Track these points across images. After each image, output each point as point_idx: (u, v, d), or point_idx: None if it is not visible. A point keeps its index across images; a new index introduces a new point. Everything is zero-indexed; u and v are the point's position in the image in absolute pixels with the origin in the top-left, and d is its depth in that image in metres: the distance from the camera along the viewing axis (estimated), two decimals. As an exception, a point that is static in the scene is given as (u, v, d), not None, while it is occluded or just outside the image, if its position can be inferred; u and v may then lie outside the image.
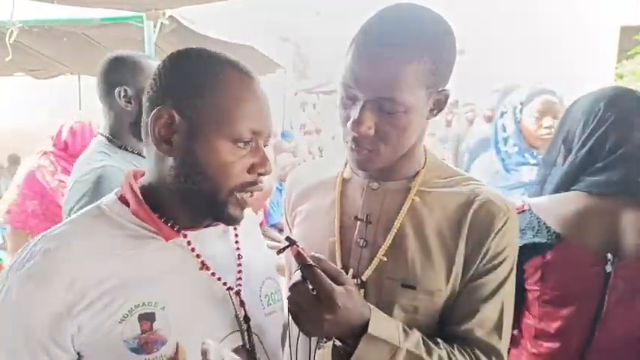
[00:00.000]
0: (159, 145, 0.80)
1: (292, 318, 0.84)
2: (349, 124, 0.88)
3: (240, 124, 0.79)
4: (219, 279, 0.85)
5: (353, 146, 0.91)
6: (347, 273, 0.92)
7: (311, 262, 0.81)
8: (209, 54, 0.83)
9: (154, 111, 0.80)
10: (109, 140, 1.55)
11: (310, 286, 0.81)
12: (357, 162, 0.93)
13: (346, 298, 0.81)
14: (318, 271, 0.80)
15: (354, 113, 0.87)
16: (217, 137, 0.78)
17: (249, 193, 0.83)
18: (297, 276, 0.83)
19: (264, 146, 0.85)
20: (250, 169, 0.82)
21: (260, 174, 0.82)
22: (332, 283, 0.80)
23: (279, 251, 0.87)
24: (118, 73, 1.52)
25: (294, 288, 0.82)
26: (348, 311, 0.81)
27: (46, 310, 0.72)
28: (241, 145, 0.80)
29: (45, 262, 0.74)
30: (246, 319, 0.86)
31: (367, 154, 0.91)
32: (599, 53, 8.36)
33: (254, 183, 0.82)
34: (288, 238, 0.84)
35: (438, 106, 0.93)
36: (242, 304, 0.87)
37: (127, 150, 1.53)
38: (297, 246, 0.82)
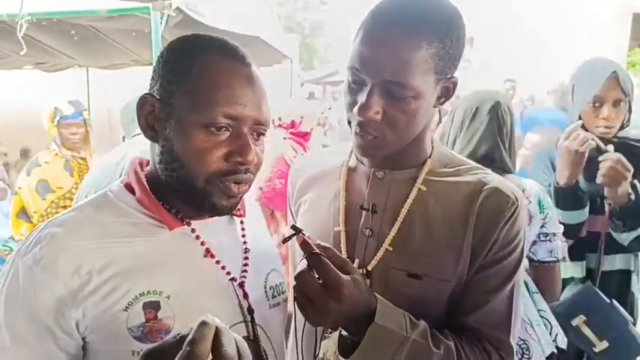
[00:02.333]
0: (145, 132, 0.81)
1: (298, 307, 0.83)
2: (356, 108, 0.86)
3: (213, 109, 0.76)
4: (223, 267, 0.85)
5: (358, 131, 0.89)
6: (352, 263, 0.91)
7: (317, 251, 0.80)
8: (196, 39, 0.82)
9: (139, 98, 0.80)
10: None
11: (316, 275, 0.80)
12: (362, 148, 0.92)
13: (352, 288, 0.80)
14: (325, 259, 0.79)
15: (362, 98, 0.85)
16: (191, 123, 0.77)
17: (236, 183, 0.80)
18: (303, 265, 0.82)
19: (259, 135, 0.82)
20: (227, 157, 0.78)
21: (239, 163, 0.78)
22: (338, 272, 0.80)
23: (285, 240, 0.86)
24: None
25: (300, 277, 0.81)
26: (355, 300, 0.80)
27: (51, 294, 0.73)
28: (215, 130, 0.77)
29: (51, 248, 0.75)
30: (250, 310, 0.86)
31: (373, 140, 0.89)
32: (611, 41, 8.23)
33: (234, 172, 0.78)
34: (293, 227, 0.83)
35: (446, 93, 0.91)
36: (245, 295, 0.86)
37: None
38: (303, 234, 0.82)
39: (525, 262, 1.59)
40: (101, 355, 0.77)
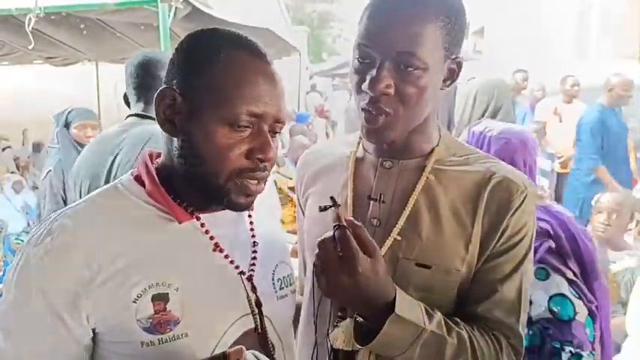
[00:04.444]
0: (163, 125, 0.81)
1: (315, 274, 0.83)
2: (365, 84, 0.87)
3: (237, 107, 0.76)
4: (231, 262, 0.86)
5: (371, 109, 0.89)
6: None
7: (344, 224, 0.80)
8: (217, 34, 0.82)
9: (159, 91, 0.80)
10: (142, 117, 1.79)
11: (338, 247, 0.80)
12: (372, 131, 0.91)
13: (369, 268, 0.79)
14: (348, 232, 0.79)
15: (372, 73, 0.86)
16: (213, 119, 0.77)
17: (255, 180, 0.81)
18: (328, 234, 0.82)
19: (275, 132, 0.82)
20: (248, 154, 0.78)
21: (259, 160, 0.79)
22: (358, 248, 0.79)
23: (322, 209, 0.85)
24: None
25: (322, 244, 0.81)
26: (368, 281, 0.80)
27: (63, 285, 0.73)
28: (238, 128, 0.77)
29: (62, 239, 0.75)
30: (258, 303, 0.86)
31: (383, 121, 0.89)
32: (623, 31, 8.11)
33: (254, 169, 0.79)
34: (332, 198, 0.83)
35: (451, 76, 0.92)
36: (253, 288, 0.87)
37: None
38: (338, 206, 0.82)
39: None
40: (111, 346, 0.78)
